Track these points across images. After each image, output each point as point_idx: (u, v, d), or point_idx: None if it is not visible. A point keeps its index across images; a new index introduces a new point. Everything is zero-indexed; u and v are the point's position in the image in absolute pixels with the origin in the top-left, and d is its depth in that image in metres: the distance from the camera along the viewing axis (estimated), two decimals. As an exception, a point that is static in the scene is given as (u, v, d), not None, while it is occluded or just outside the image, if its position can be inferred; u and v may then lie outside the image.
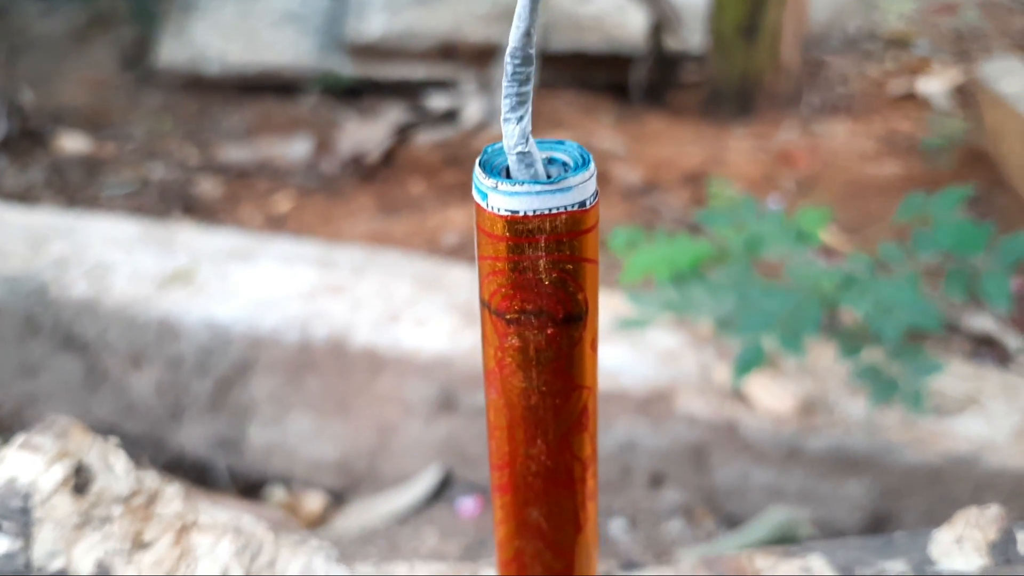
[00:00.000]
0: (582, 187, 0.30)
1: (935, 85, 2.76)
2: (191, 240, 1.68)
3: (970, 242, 1.16)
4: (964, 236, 1.17)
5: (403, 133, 2.56)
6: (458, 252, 1.98)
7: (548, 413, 0.34)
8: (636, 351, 1.39)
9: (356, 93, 2.90)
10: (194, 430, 1.55)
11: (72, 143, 2.60)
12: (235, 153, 2.54)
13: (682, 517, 1.38)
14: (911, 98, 2.72)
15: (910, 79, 2.83)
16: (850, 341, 1.19)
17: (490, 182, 0.30)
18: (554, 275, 0.31)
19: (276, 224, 2.18)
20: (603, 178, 2.19)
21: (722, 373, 1.36)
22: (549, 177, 0.31)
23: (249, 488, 1.52)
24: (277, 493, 1.50)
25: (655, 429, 1.36)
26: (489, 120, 2.59)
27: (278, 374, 1.47)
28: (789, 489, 1.34)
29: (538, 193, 0.30)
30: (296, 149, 2.54)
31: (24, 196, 2.27)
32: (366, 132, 2.53)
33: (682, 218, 2.08)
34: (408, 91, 2.87)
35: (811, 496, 1.33)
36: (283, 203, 2.28)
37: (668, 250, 1.31)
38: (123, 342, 1.52)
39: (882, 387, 1.16)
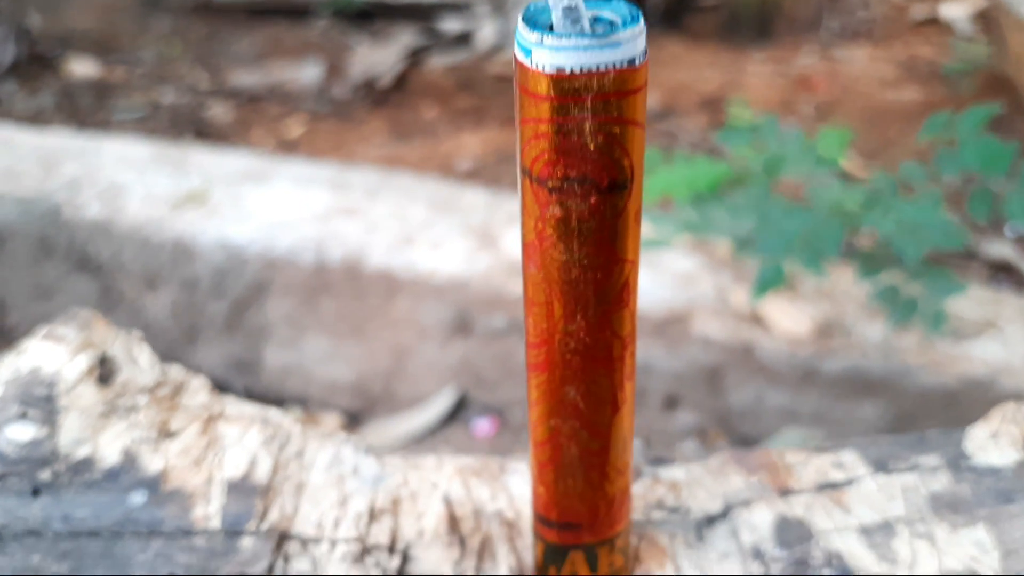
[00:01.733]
0: (631, 43, 0.29)
1: (957, 9, 2.70)
2: (204, 162, 1.67)
3: (996, 161, 1.13)
4: (990, 155, 1.14)
5: (415, 56, 2.52)
6: (472, 177, 1.96)
7: (589, 288, 0.33)
8: (653, 273, 1.38)
9: (367, 16, 2.85)
10: (210, 351, 1.55)
11: (81, 67, 2.57)
12: (246, 78, 2.51)
13: (696, 438, 1.39)
14: (933, 23, 2.66)
15: (932, 4, 2.76)
16: (870, 262, 1.18)
17: (535, 36, 0.29)
18: (600, 139, 0.30)
19: (288, 149, 2.16)
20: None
21: (739, 296, 1.35)
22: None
23: (266, 409, 1.53)
24: (294, 414, 1.51)
25: (671, 351, 1.35)
26: (503, 42, 2.55)
27: (293, 296, 1.47)
28: (804, 411, 1.34)
29: (586, 48, 0.29)
30: (307, 73, 2.51)
31: (34, 120, 2.25)
32: (378, 56, 2.49)
33: (700, 142, 2.05)
34: (420, 14, 2.81)
35: (826, 418, 1.34)
36: (295, 128, 2.26)
37: (687, 171, 1.29)
38: (138, 263, 1.52)
39: (901, 308, 1.15)
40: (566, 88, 0.29)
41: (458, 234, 1.46)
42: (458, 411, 1.47)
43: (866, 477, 0.46)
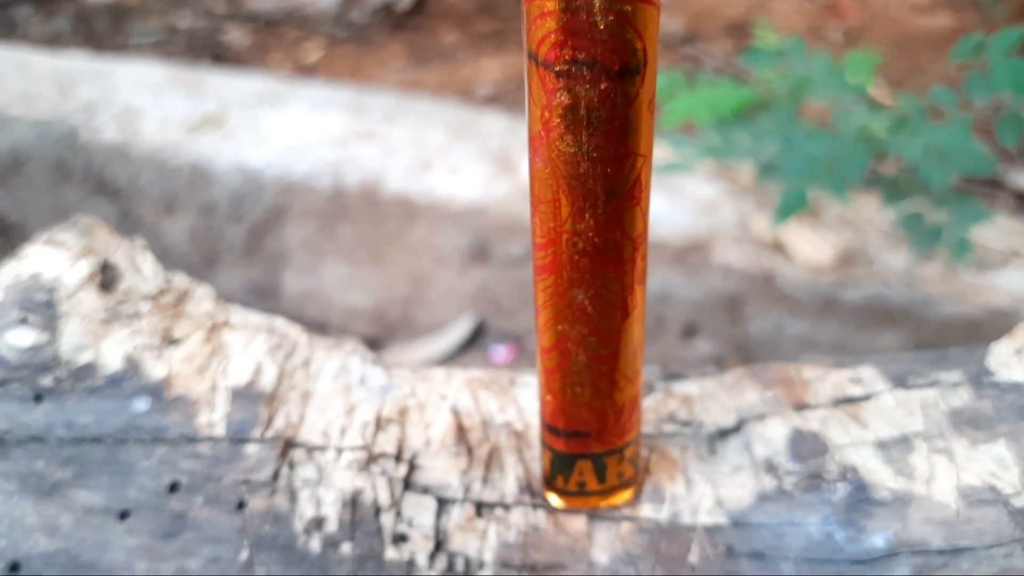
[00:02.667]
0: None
1: (996, -67, 2.61)
2: (220, 85, 1.65)
3: (1028, 84, 1.10)
4: (1021, 78, 1.11)
5: (435, -20, 2.47)
6: (492, 103, 1.93)
7: (598, 183, 0.32)
8: (674, 200, 1.36)
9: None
10: (230, 276, 1.55)
11: (97, -9, 2.54)
12: (263, 1, 2.47)
13: (713, 367, 1.38)
14: (969, -53, 2.57)
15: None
16: (895, 189, 1.15)
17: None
18: (610, 18, 0.28)
19: (306, 74, 2.13)
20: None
21: (761, 223, 1.33)
22: None
23: (283, 334, 1.52)
24: (311, 339, 1.51)
25: (690, 279, 1.34)
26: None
27: (311, 221, 1.46)
28: (823, 340, 1.33)
29: (595, -83, 0.27)
30: (325, -3, 2.46)
31: (50, 44, 2.23)
32: (397, -21, 2.44)
33: (724, 67, 2.01)
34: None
35: (845, 347, 1.32)
36: (313, 52, 2.23)
37: (711, 95, 1.26)
38: (155, 187, 1.51)
39: (925, 235, 1.12)
40: (574, -39, 0.27)
41: (476, 160, 1.44)
42: (476, 338, 1.46)
43: (884, 392, 0.45)
